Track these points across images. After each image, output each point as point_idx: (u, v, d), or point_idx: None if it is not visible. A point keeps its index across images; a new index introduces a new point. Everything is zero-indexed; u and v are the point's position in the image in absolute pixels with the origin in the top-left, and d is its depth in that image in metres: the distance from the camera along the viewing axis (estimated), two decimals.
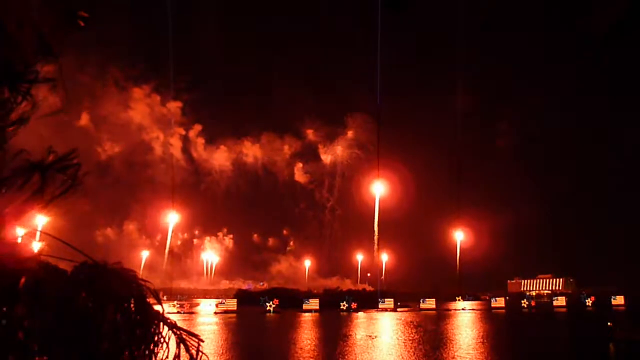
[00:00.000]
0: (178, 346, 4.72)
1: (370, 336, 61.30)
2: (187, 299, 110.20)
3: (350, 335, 62.91)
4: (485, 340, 57.45)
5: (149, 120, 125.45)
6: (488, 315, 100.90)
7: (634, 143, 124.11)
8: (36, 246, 5.10)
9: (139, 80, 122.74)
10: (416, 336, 61.47)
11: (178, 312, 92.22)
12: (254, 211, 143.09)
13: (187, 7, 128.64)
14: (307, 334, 65.48)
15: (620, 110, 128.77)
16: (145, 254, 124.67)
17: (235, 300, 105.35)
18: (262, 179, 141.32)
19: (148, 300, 4.82)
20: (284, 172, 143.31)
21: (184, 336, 4.75)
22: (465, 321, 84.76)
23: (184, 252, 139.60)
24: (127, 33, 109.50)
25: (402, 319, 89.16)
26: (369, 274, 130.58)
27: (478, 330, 69.24)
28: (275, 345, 53.76)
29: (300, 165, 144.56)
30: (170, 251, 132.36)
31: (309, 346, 52.54)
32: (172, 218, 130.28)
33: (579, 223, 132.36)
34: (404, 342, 55.11)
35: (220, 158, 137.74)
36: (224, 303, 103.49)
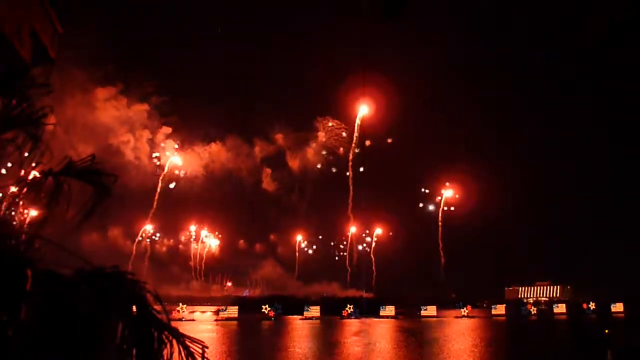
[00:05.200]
0: (182, 353, 4.69)
1: (370, 343, 61.59)
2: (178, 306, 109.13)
3: (350, 342, 63.23)
4: (483, 347, 57.71)
5: (117, 123, 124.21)
6: (488, 323, 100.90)
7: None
8: (37, 251, 4.99)
9: (108, 82, 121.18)
10: (415, 344, 61.73)
11: (180, 319, 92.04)
12: (231, 217, 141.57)
13: (156, 9, 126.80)
14: (308, 341, 65.70)
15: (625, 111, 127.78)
16: (130, 260, 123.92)
17: (237, 307, 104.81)
18: (231, 185, 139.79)
19: (149, 304, 4.79)
20: (251, 178, 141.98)
21: (188, 343, 4.74)
22: (466, 328, 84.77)
23: (171, 259, 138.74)
24: (95, 35, 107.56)
25: (403, 326, 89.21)
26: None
27: (477, 338, 69.32)
28: (279, 352, 54.09)
29: (268, 171, 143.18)
30: (155, 258, 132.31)
31: (309, 352, 52.99)
32: (150, 224, 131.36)
33: (576, 230, 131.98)
34: (402, 349, 55.45)
35: (191, 163, 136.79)
36: (225, 310, 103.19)
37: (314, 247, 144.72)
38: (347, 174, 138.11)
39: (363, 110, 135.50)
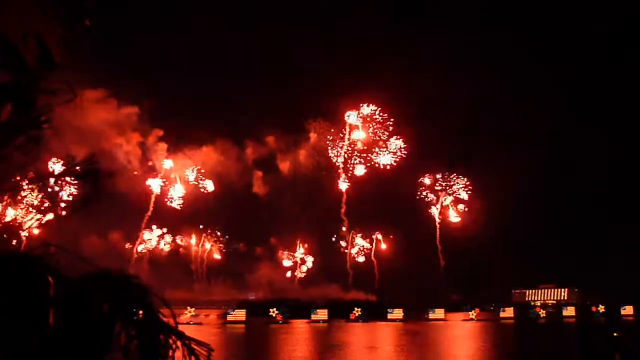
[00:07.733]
0: (188, 356, 4.61)
1: (372, 347, 61.64)
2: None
3: (352, 345, 63.35)
4: (486, 349, 57.64)
5: (109, 127, 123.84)
6: (497, 326, 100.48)
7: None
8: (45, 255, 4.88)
9: (98, 84, 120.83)
10: (418, 346, 61.67)
11: (187, 323, 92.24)
12: (228, 220, 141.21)
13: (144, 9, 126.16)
14: (311, 344, 65.95)
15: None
16: (130, 264, 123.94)
17: (244, 310, 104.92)
18: (222, 188, 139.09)
19: (155, 308, 4.75)
20: (242, 181, 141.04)
21: (194, 346, 4.67)
22: (472, 332, 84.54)
23: (172, 262, 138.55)
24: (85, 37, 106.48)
25: (408, 329, 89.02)
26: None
27: (484, 341, 69.12)
28: (282, 355, 54.28)
29: (259, 174, 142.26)
30: (155, 261, 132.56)
31: (310, 356, 53.28)
32: (148, 228, 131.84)
33: (584, 232, 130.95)
34: (403, 352, 55.54)
35: (183, 166, 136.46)
36: (232, 313, 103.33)
37: (312, 249, 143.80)
38: (340, 174, 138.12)
39: (355, 113, 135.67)
